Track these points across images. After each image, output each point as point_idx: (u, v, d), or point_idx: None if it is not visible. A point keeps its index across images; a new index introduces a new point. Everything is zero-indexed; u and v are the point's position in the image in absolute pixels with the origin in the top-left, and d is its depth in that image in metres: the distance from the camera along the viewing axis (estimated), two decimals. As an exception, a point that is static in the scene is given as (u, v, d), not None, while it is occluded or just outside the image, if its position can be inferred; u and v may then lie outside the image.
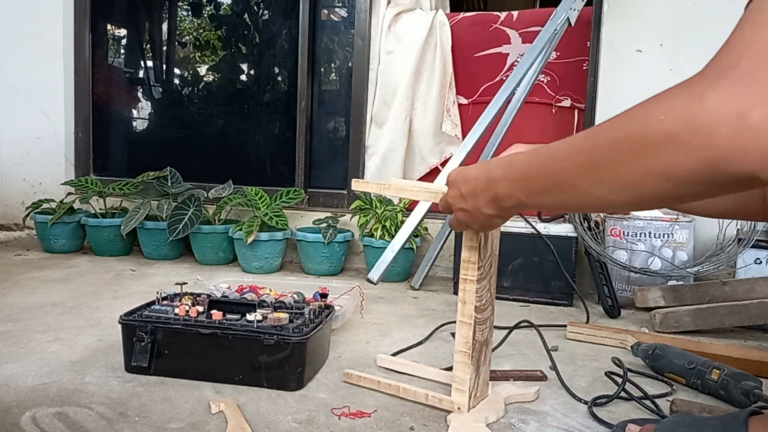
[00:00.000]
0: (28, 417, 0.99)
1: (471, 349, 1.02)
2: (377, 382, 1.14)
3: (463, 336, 1.02)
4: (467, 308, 1.02)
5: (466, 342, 1.02)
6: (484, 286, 1.04)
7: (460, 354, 1.03)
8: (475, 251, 1.00)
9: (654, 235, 1.92)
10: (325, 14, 2.72)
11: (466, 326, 1.02)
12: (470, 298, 1.02)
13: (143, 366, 1.16)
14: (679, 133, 0.52)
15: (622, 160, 0.58)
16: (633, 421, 0.98)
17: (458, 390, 1.03)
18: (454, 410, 1.03)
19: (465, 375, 1.03)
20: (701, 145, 0.51)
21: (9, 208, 2.97)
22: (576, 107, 2.36)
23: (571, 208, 0.71)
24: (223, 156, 2.85)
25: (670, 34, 2.06)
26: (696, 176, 0.53)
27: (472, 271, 1.01)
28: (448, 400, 1.05)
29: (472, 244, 1.00)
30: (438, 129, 2.48)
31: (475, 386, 1.05)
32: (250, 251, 2.26)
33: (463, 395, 1.03)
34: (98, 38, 2.98)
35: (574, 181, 0.64)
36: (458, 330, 1.03)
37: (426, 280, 2.26)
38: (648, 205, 0.61)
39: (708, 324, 1.62)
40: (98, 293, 1.86)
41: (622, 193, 0.60)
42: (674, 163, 0.53)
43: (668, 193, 0.56)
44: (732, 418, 0.83)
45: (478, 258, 1.00)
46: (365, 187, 1.13)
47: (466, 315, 1.03)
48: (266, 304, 1.27)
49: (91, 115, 2.97)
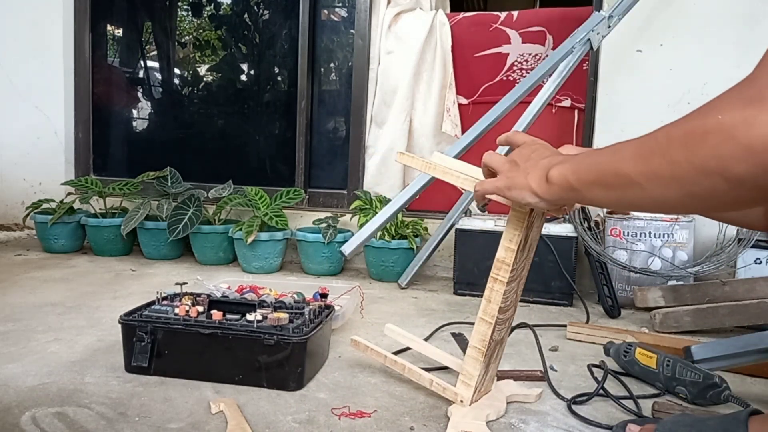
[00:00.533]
0: (28, 417, 0.99)
1: (486, 347, 1.00)
2: (383, 356, 1.13)
3: (481, 334, 1.00)
4: (491, 308, 0.99)
5: (483, 340, 1.00)
6: (513, 288, 1.02)
7: (473, 350, 1.01)
8: (512, 253, 0.97)
9: (654, 235, 1.92)
10: (325, 14, 2.72)
11: (486, 325, 1.00)
12: (496, 299, 0.99)
13: (143, 366, 1.16)
14: (738, 133, 0.52)
15: (679, 155, 0.58)
16: (633, 420, 0.98)
17: (464, 383, 1.02)
18: (457, 402, 1.02)
19: (474, 370, 1.01)
20: (756, 145, 0.51)
21: (9, 208, 2.97)
22: (576, 107, 2.36)
23: (625, 204, 0.69)
24: (223, 156, 2.85)
25: (670, 34, 2.06)
26: (753, 179, 0.52)
27: (505, 272, 0.98)
28: (452, 391, 1.04)
29: (510, 246, 0.97)
30: (438, 129, 2.48)
31: (482, 382, 1.04)
32: (250, 251, 2.26)
33: (469, 389, 1.02)
34: (98, 38, 2.98)
35: (629, 172, 0.64)
36: (477, 326, 1.01)
37: (426, 281, 2.26)
38: (700, 205, 0.60)
39: (708, 324, 1.62)
40: (98, 293, 1.86)
41: (677, 189, 0.59)
42: (732, 163, 0.53)
43: (723, 193, 0.55)
44: (732, 417, 0.83)
45: (513, 260, 0.97)
46: (410, 162, 1.05)
47: (488, 314, 1.00)
48: (266, 304, 1.27)
49: (91, 115, 2.97)
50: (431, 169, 1.01)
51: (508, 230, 0.97)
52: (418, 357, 1.35)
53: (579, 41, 1.94)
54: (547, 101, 1.96)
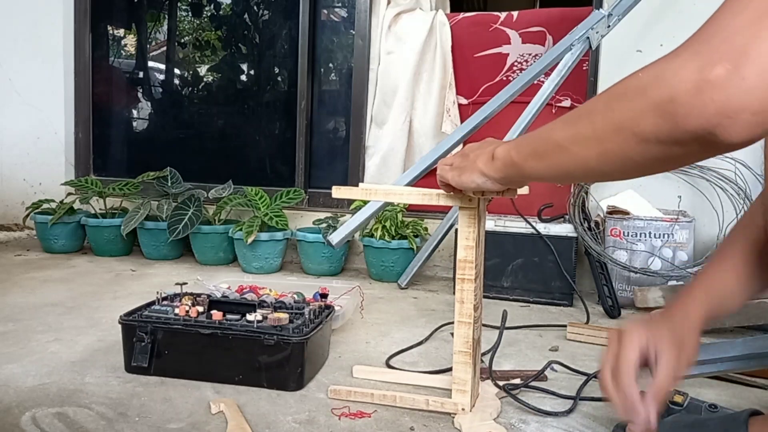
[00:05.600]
0: (28, 417, 0.99)
1: (471, 348, 1.01)
2: (370, 395, 1.09)
3: (463, 336, 1.02)
4: (466, 308, 1.02)
5: (467, 342, 1.01)
6: (478, 285, 1.04)
7: (460, 355, 1.02)
8: (472, 250, 1.00)
9: (654, 235, 1.92)
10: (325, 14, 2.72)
11: (466, 326, 1.02)
12: (468, 298, 1.01)
13: (143, 366, 1.16)
14: (649, 89, 0.54)
15: (599, 114, 0.61)
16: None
17: (460, 391, 1.03)
18: (458, 412, 1.03)
19: (466, 375, 1.02)
20: (663, 99, 0.52)
21: (9, 208, 2.97)
22: (576, 107, 2.36)
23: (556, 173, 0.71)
24: (223, 156, 2.85)
25: (670, 34, 2.06)
26: (657, 131, 0.54)
27: (470, 270, 1.01)
28: (450, 403, 1.04)
29: (468, 244, 1.00)
30: (438, 129, 2.48)
31: (474, 386, 1.05)
32: (250, 251, 2.26)
33: (466, 396, 1.02)
34: (98, 38, 2.98)
35: (558, 138, 0.68)
36: (457, 330, 1.02)
37: (426, 281, 2.26)
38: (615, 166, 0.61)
39: (708, 324, 1.62)
40: (98, 293, 1.86)
41: (594, 148, 0.61)
42: (639, 118, 0.55)
43: (633, 151, 0.57)
44: (732, 418, 0.83)
45: (475, 256, 1.00)
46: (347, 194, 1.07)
47: (465, 315, 1.02)
48: (266, 305, 1.27)
49: (91, 115, 2.96)
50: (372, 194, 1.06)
51: (463, 229, 1.01)
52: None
53: (578, 38, 1.94)
54: (546, 101, 1.96)
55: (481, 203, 1.01)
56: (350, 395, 1.10)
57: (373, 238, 2.24)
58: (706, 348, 1.19)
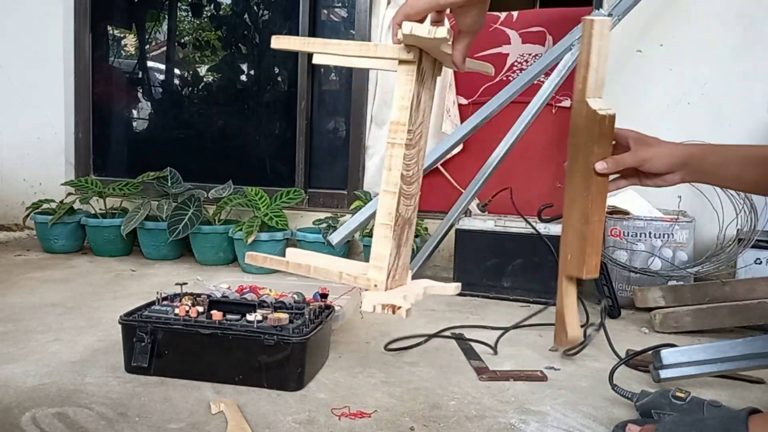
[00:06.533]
0: (28, 417, 0.99)
1: (394, 221, 0.92)
2: (285, 263, 1.01)
3: (386, 207, 0.93)
4: (392, 175, 0.93)
5: (389, 214, 0.93)
6: (413, 156, 0.95)
7: (380, 228, 0.93)
8: (406, 111, 0.91)
9: (654, 235, 1.92)
10: (325, 14, 2.72)
11: (390, 196, 0.93)
12: (396, 164, 0.92)
13: (143, 366, 1.16)
14: None
15: None
16: (633, 421, 0.98)
17: (376, 267, 0.93)
18: (370, 288, 0.94)
19: (385, 250, 0.93)
20: None
21: (9, 208, 2.97)
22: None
23: None
24: (223, 156, 2.85)
25: (670, 34, 2.06)
26: None
27: (402, 134, 0.92)
28: (364, 278, 0.95)
29: (403, 104, 0.92)
30: (438, 129, 2.48)
31: (394, 266, 0.96)
32: (251, 251, 2.26)
33: (382, 272, 0.93)
34: (98, 38, 2.98)
35: None
36: (381, 201, 0.93)
37: (426, 281, 2.26)
38: None
39: (708, 324, 1.62)
40: (98, 293, 1.86)
41: None
42: None
43: None
44: (732, 416, 0.83)
45: (408, 120, 0.91)
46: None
47: (390, 183, 0.93)
48: (266, 305, 1.27)
49: (91, 115, 2.96)
50: (310, 45, 1.02)
51: (399, 88, 0.92)
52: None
53: (578, 38, 1.94)
54: (546, 101, 1.96)
55: (425, 60, 0.93)
56: (266, 261, 1.04)
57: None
58: (707, 348, 1.19)
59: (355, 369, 1.27)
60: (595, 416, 1.07)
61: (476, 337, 1.51)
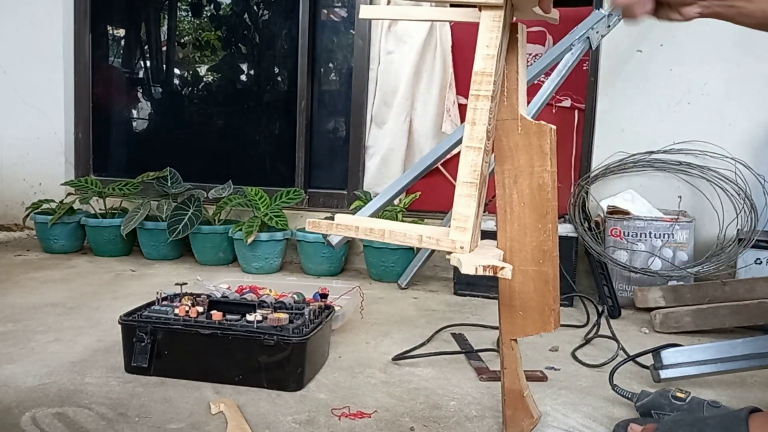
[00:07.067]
0: (28, 417, 0.99)
1: (479, 180, 0.85)
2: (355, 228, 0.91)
3: (471, 164, 0.85)
4: (478, 130, 0.85)
5: (474, 171, 0.85)
6: (493, 109, 0.88)
7: (465, 186, 0.86)
8: (493, 60, 0.84)
9: (654, 235, 1.92)
10: (325, 14, 2.72)
11: (476, 152, 0.85)
12: (482, 118, 0.85)
13: (143, 366, 1.16)
14: None
15: None
16: (634, 420, 0.98)
17: (460, 228, 0.86)
18: (456, 250, 0.86)
19: (469, 210, 0.86)
20: None
21: (9, 208, 2.96)
22: (576, 107, 2.36)
23: None
24: (223, 156, 2.85)
25: (670, 34, 2.06)
26: None
27: (487, 84, 0.84)
28: (447, 240, 0.87)
29: (488, 52, 0.84)
30: (438, 129, 2.48)
31: (476, 228, 0.89)
32: (250, 251, 2.26)
33: (466, 233, 0.86)
34: (98, 39, 2.98)
35: None
36: (464, 158, 0.86)
37: (426, 281, 2.26)
38: None
39: (708, 324, 1.62)
40: (98, 294, 1.86)
41: None
42: None
43: None
44: (732, 416, 0.83)
45: (495, 69, 0.84)
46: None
47: (476, 138, 0.85)
48: (266, 305, 1.27)
49: (91, 115, 2.96)
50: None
51: (484, 35, 0.85)
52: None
53: (578, 38, 1.94)
54: (546, 101, 1.96)
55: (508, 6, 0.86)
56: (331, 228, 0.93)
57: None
58: (707, 348, 1.19)
59: (355, 369, 1.27)
60: (595, 416, 1.07)
61: (476, 337, 1.51)
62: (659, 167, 2.07)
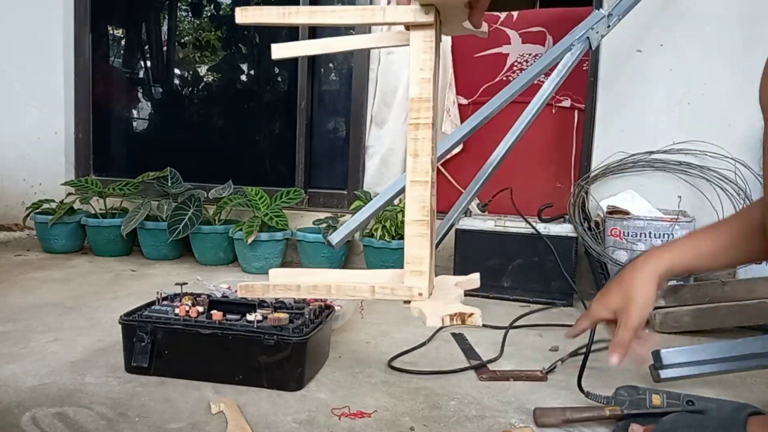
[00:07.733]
0: (28, 417, 0.99)
1: (429, 216, 0.79)
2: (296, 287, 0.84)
3: (419, 201, 0.78)
4: (422, 162, 0.78)
5: (423, 207, 0.78)
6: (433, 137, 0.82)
7: (414, 226, 0.79)
8: (429, 85, 0.78)
9: (654, 235, 1.92)
10: (325, 14, 2.72)
11: (422, 186, 0.78)
12: (425, 149, 0.78)
13: (143, 366, 1.16)
14: None
15: None
16: (635, 420, 0.98)
17: (416, 272, 0.80)
18: (414, 297, 0.81)
19: (423, 251, 0.79)
20: None
21: (9, 208, 2.97)
22: (576, 107, 2.36)
23: None
24: (223, 156, 2.85)
25: (670, 34, 2.06)
26: None
27: (426, 111, 0.78)
28: (404, 288, 0.81)
29: (423, 76, 0.78)
30: (438, 129, 2.48)
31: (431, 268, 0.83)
32: (250, 251, 2.26)
33: (422, 278, 0.79)
34: (98, 39, 2.98)
35: None
36: (410, 193, 0.79)
37: (426, 281, 2.26)
38: None
39: (708, 324, 1.62)
40: (98, 293, 1.86)
41: None
42: None
43: None
44: (731, 417, 0.83)
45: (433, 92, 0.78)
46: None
47: (420, 171, 0.78)
48: (266, 305, 1.27)
49: (91, 115, 2.96)
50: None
51: (417, 56, 0.79)
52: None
53: (578, 38, 1.94)
54: (546, 101, 1.96)
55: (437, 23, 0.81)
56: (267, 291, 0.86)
57: (373, 238, 2.24)
58: (707, 348, 1.19)
59: (355, 369, 1.27)
60: (595, 416, 1.07)
61: (476, 338, 1.51)
62: (659, 167, 2.07)
